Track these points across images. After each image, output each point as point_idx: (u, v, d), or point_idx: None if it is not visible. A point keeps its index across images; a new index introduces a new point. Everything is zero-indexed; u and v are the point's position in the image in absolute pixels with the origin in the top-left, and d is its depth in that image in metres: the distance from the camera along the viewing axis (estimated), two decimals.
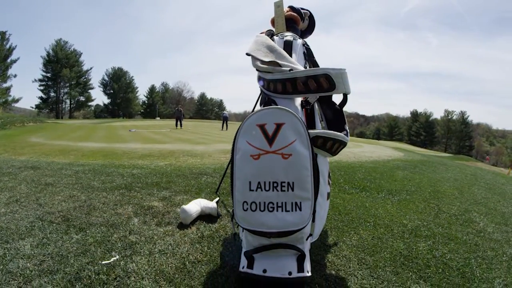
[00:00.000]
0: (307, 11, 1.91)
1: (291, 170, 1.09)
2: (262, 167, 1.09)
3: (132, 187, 2.65)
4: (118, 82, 49.57)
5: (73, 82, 43.16)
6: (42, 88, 41.88)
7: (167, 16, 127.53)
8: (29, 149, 5.50)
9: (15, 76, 34.34)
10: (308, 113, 1.44)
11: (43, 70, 41.59)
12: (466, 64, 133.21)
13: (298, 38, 1.62)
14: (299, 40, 1.60)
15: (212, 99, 64.33)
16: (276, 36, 1.62)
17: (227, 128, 17.03)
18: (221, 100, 65.99)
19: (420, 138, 57.20)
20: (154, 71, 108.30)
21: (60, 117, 39.37)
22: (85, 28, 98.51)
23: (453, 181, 4.22)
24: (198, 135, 11.33)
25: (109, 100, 50.40)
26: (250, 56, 1.46)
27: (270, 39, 1.50)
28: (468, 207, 2.85)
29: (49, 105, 42.85)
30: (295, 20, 1.80)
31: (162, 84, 58.12)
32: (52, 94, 42.91)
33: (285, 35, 1.60)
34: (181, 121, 17.63)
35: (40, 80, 41.65)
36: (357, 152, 6.73)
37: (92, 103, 48.61)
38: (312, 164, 1.11)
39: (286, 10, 1.80)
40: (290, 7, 1.83)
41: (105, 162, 4.05)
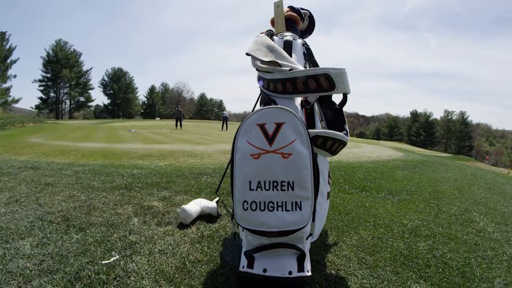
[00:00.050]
0: (306, 11, 1.91)
1: (291, 169, 1.09)
2: (262, 167, 1.10)
3: (132, 187, 2.65)
4: (118, 83, 49.57)
5: (73, 83, 43.16)
6: (42, 88, 41.92)
7: (167, 16, 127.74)
8: (29, 150, 5.49)
9: (15, 76, 34.36)
10: (308, 113, 1.44)
11: (43, 71, 41.65)
12: (466, 64, 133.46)
13: (298, 38, 1.62)
14: (299, 40, 1.60)
15: (212, 99, 64.40)
16: (276, 36, 1.62)
17: (227, 129, 17.02)
18: (221, 101, 66.14)
19: (420, 138, 57.23)
20: (154, 72, 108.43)
21: (60, 118, 39.37)
22: (85, 28, 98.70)
23: (453, 181, 4.22)
24: (198, 135, 11.33)
25: (109, 101, 50.43)
26: (250, 56, 1.46)
27: (270, 39, 1.50)
28: (468, 207, 2.85)
29: (49, 106, 42.85)
30: (295, 20, 1.80)
31: (162, 84, 58.23)
32: (52, 94, 42.93)
33: (285, 35, 1.60)
34: (181, 122, 17.64)
35: (40, 80, 41.71)
36: (357, 152, 6.73)
37: (92, 104, 48.71)
38: (312, 164, 1.11)
39: (286, 10, 1.80)
40: (290, 7, 1.83)
41: (105, 162, 4.05)
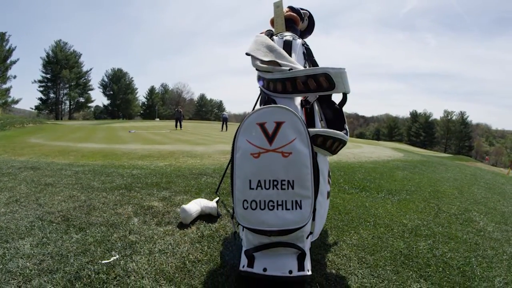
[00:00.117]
0: (306, 11, 1.91)
1: (291, 168, 1.09)
2: (262, 166, 1.10)
3: (132, 187, 2.65)
4: (117, 83, 49.58)
5: (72, 83, 43.16)
6: (41, 89, 41.91)
7: (166, 17, 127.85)
8: (28, 150, 5.49)
9: (15, 77, 34.31)
10: (308, 112, 1.45)
11: (43, 71, 41.63)
12: (466, 65, 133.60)
13: (298, 38, 1.62)
14: (299, 40, 1.60)
15: (211, 100, 64.44)
16: (276, 36, 1.62)
17: (226, 129, 17.02)
18: (220, 101, 66.22)
19: (419, 139, 57.27)
20: (153, 72, 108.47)
21: (60, 118, 39.36)
22: (84, 29, 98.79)
23: (452, 181, 4.23)
24: (197, 136, 11.34)
25: (109, 101, 50.41)
26: (250, 56, 1.46)
27: (269, 39, 1.50)
28: (468, 206, 2.85)
29: (49, 106, 42.84)
30: (295, 20, 1.80)
31: (162, 85, 58.24)
32: (52, 95, 42.91)
33: (284, 35, 1.61)
34: (181, 122, 17.64)
35: (40, 81, 41.69)
36: (357, 152, 6.73)
37: (92, 104, 48.66)
38: (312, 163, 1.11)
39: (286, 10, 1.80)
40: (289, 7, 1.84)
41: (105, 162, 4.05)
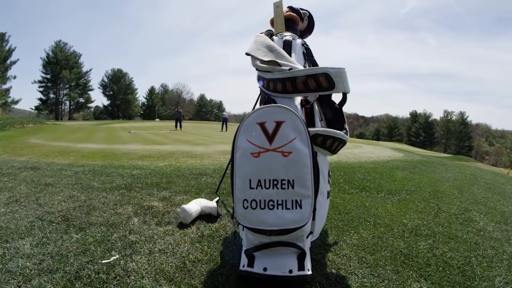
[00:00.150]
0: (306, 11, 1.91)
1: (291, 167, 1.09)
2: (262, 165, 1.10)
3: (132, 187, 2.65)
4: (117, 84, 49.60)
5: (72, 84, 43.20)
6: (41, 89, 41.96)
7: (166, 17, 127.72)
8: (28, 150, 5.49)
9: (15, 77, 34.37)
10: (308, 112, 1.45)
11: (43, 72, 41.70)
12: (465, 65, 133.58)
13: (297, 38, 1.62)
14: (298, 40, 1.60)
15: (211, 100, 64.48)
16: (276, 36, 1.62)
17: (226, 129, 17.02)
18: (220, 102, 66.26)
19: (419, 139, 57.31)
20: (153, 73, 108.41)
21: (60, 119, 39.38)
22: (84, 29, 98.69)
23: (452, 181, 4.23)
24: (197, 136, 11.34)
25: (109, 102, 50.45)
26: (250, 56, 1.46)
27: (269, 39, 1.50)
28: (468, 206, 2.85)
29: (49, 107, 42.87)
30: (294, 20, 1.80)
31: (162, 85, 58.32)
32: (52, 95, 42.95)
33: (284, 35, 1.61)
34: (181, 123, 17.63)
35: (40, 81, 41.75)
36: (357, 152, 6.73)
37: (92, 105, 48.75)
38: (312, 162, 1.11)
39: (286, 10, 1.80)
40: (289, 7, 1.84)
41: (105, 163, 4.05)
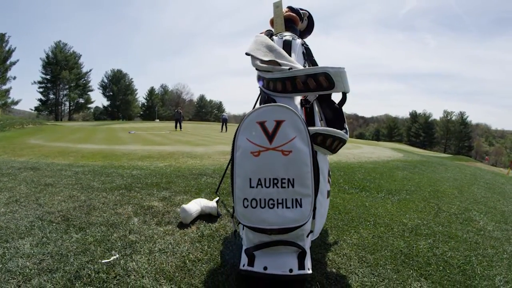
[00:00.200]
0: (306, 12, 1.91)
1: (291, 166, 1.09)
2: (262, 164, 1.10)
3: (132, 187, 2.65)
4: (117, 84, 49.61)
5: (72, 84, 43.22)
6: (41, 90, 41.98)
7: (166, 17, 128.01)
8: (28, 151, 5.49)
9: (15, 78, 34.44)
10: (308, 112, 1.45)
11: (43, 72, 41.73)
12: (465, 65, 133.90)
13: (297, 38, 1.63)
14: (298, 40, 1.60)
15: (211, 101, 64.49)
16: (275, 36, 1.62)
17: (226, 130, 17.02)
18: (220, 102, 66.25)
19: (419, 139, 57.33)
20: (153, 73, 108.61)
21: (60, 119, 39.38)
22: (84, 30, 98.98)
23: (452, 181, 4.23)
24: (197, 137, 11.34)
25: (109, 102, 50.47)
26: (250, 56, 1.46)
27: (269, 39, 1.50)
28: (468, 206, 2.85)
29: (49, 107, 42.87)
30: (294, 21, 1.80)
31: (161, 86, 58.33)
32: (52, 96, 42.97)
33: (284, 35, 1.61)
34: (181, 123, 17.63)
35: (40, 82, 41.78)
36: (357, 153, 6.73)
37: (92, 105, 48.79)
38: (312, 161, 1.11)
39: (285, 10, 1.80)
40: (289, 7, 1.84)
41: (105, 163, 4.04)
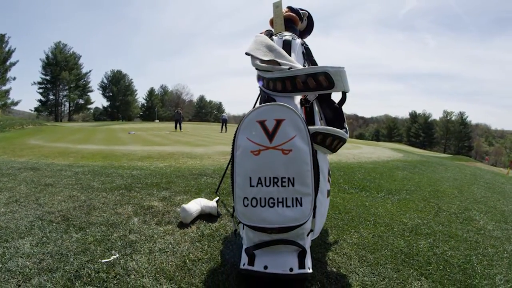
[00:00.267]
0: (305, 12, 1.91)
1: (291, 165, 1.09)
2: (263, 163, 1.10)
3: (132, 187, 2.65)
4: (117, 85, 49.61)
5: (72, 85, 43.21)
6: (41, 91, 41.97)
7: (166, 18, 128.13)
8: (28, 151, 5.48)
9: (14, 79, 34.41)
10: (308, 111, 1.45)
11: (42, 73, 41.72)
12: (465, 65, 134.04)
13: (297, 37, 1.63)
14: (298, 40, 1.60)
15: (211, 101, 64.50)
16: (275, 36, 1.63)
17: (226, 130, 17.02)
18: (220, 103, 66.26)
19: (419, 139, 57.36)
20: (153, 74, 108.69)
21: (59, 120, 39.37)
22: (84, 30, 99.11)
23: (452, 181, 4.23)
24: (197, 137, 11.34)
25: (108, 103, 50.44)
26: (250, 56, 1.46)
27: (269, 39, 1.50)
28: (468, 205, 2.85)
29: (48, 108, 42.86)
30: (294, 21, 1.80)
31: (161, 86, 58.33)
32: (51, 97, 42.96)
33: (284, 35, 1.61)
34: (180, 124, 17.63)
35: (39, 83, 41.78)
36: (357, 153, 6.74)
37: (91, 106, 48.77)
38: (312, 160, 1.11)
39: (285, 10, 1.81)
40: (288, 7, 1.84)
41: (105, 163, 4.04)
